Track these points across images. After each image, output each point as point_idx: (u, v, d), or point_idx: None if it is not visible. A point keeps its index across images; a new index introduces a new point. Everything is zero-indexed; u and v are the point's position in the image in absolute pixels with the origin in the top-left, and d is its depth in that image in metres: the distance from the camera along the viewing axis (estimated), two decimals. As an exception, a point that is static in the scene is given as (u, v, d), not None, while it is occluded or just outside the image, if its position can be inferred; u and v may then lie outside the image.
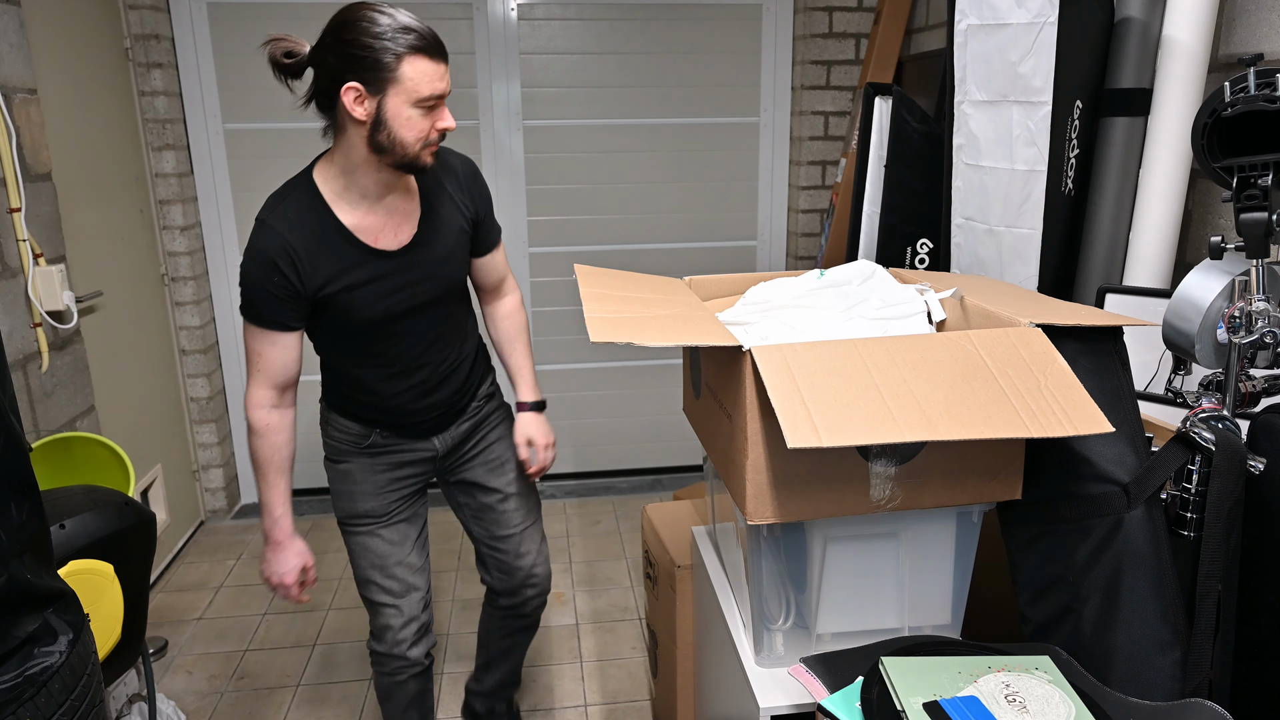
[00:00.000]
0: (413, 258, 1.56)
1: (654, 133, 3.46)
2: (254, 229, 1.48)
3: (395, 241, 1.54)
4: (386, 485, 1.73)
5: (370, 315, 1.54)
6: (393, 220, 1.54)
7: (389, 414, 1.68)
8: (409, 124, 1.40)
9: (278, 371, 1.55)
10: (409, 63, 1.37)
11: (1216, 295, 1.17)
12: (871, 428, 0.99)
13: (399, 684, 1.81)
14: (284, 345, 1.53)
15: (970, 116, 1.83)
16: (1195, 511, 1.12)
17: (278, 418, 1.58)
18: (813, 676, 1.16)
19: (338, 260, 1.49)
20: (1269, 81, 1.13)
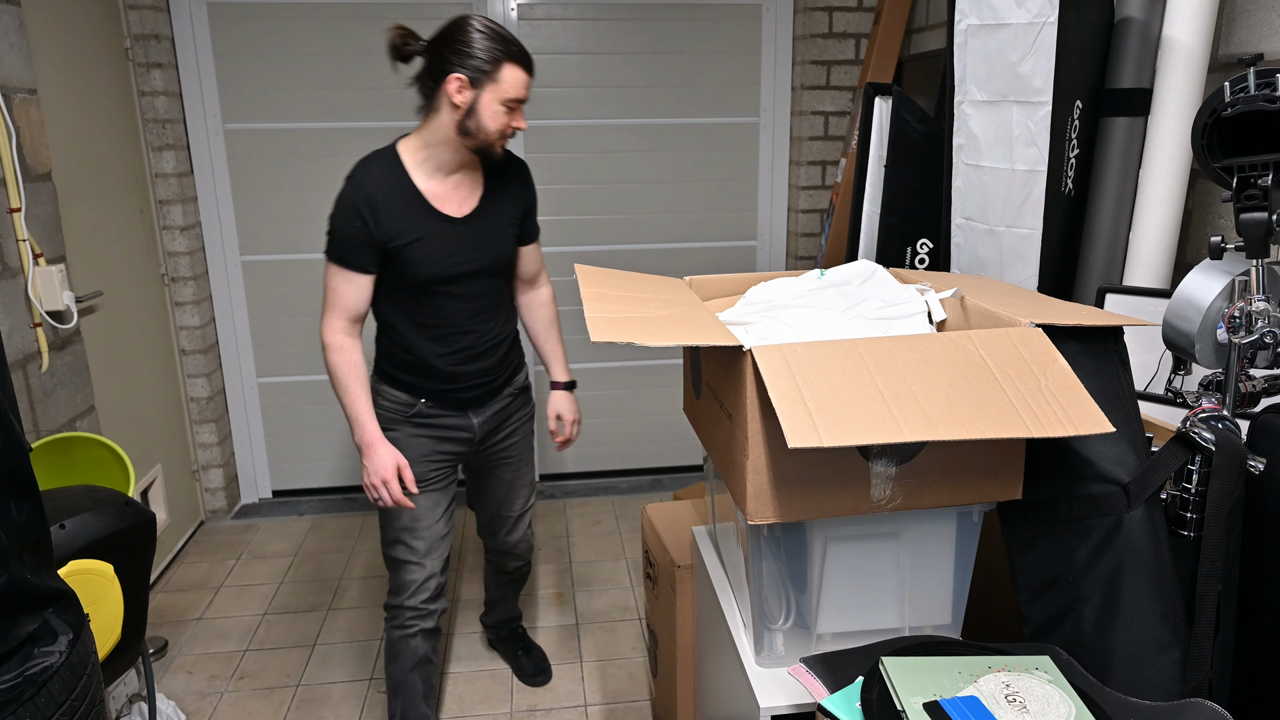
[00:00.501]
0: (471, 227, 1.82)
1: (654, 133, 3.46)
2: (344, 184, 1.77)
3: (459, 210, 1.81)
4: (428, 454, 1.94)
5: (430, 272, 1.79)
6: (459, 192, 1.82)
7: (434, 378, 1.89)
8: (494, 117, 1.70)
9: (351, 306, 1.81)
10: (508, 69, 1.68)
11: (1216, 295, 1.18)
12: (872, 428, 0.99)
13: (409, 638, 1.97)
14: (358, 285, 1.80)
15: (970, 116, 1.83)
16: (1195, 511, 1.12)
17: (350, 343, 1.83)
18: (813, 676, 1.16)
19: (409, 217, 1.76)
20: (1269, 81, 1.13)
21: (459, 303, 1.85)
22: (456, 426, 1.96)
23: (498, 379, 1.98)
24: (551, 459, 3.73)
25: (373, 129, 3.29)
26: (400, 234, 1.75)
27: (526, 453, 2.16)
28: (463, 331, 1.88)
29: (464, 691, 2.41)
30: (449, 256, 1.79)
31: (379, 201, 1.73)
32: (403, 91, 3.27)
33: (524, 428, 2.12)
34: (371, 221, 1.73)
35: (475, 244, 1.82)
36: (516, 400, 2.07)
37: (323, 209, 3.35)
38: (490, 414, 2.00)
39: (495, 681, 2.46)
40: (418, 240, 1.76)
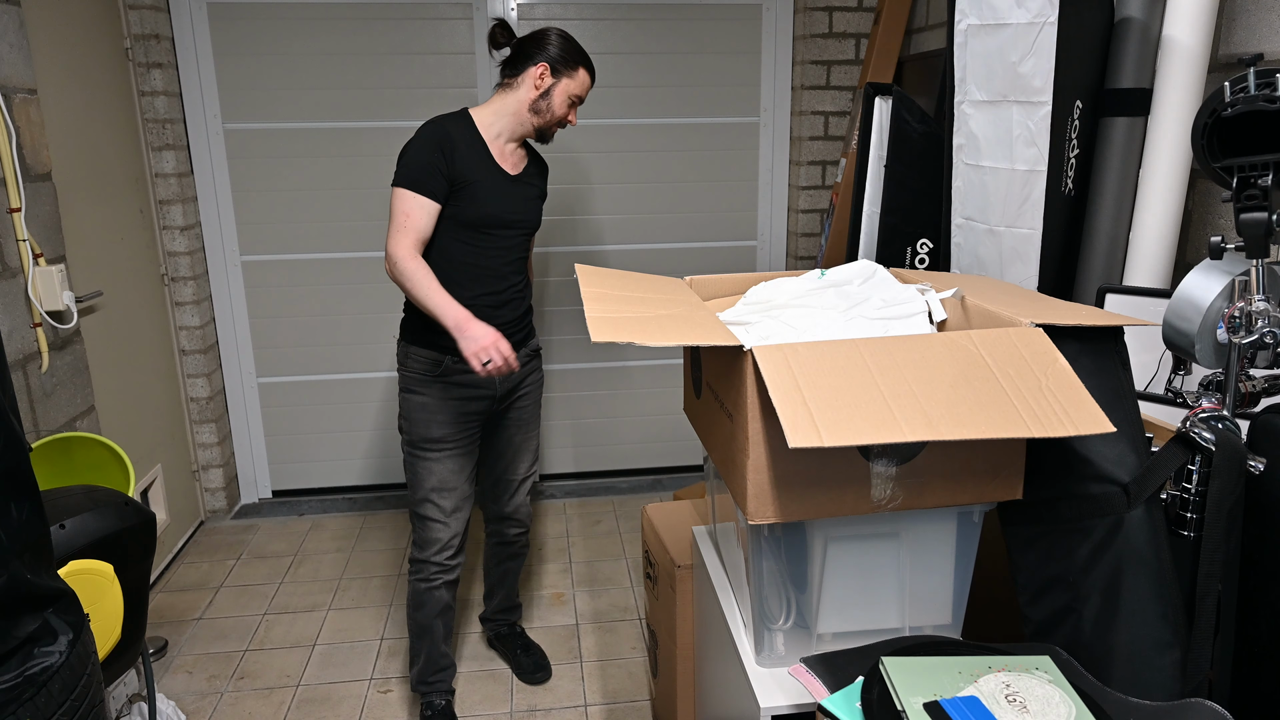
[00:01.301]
0: (520, 185, 2.11)
1: (654, 133, 3.46)
2: (422, 127, 2.02)
3: (513, 169, 2.11)
4: (457, 417, 2.12)
5: (486, 210, 2.03)
6: (512, 157, 2.11)
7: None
8: (561, 107, 2.06)
9: (420, 228, 1.99)
10: (583, 71, 2.06)
11: (1216, 295, 1.18)
12: (873, 427, 0.99)
13: (433, 589, 2.18)
14: (428, 211, 1.99)
15: (970, 116, 1.83)
16: (1195, 511, 1.12)
17: (416, 256, 2.01)
18: (813, 676, 1.16)
19: (476, 161, 2.03)
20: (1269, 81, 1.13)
21: (502, 247, 2.08)
22: (480, 383, 2.13)
23: (516, 334, 2.16)
24: (553, 458, 3.73)
25: (373, 129, 3.29)
26: (469, 172, 2.01)
27: (534, 418, 2.33)
28: (498, 275, 2.09)
29: (464, 691, 2.41)
30: (500, 201, 2.05)
31: (455, 140, 2.00)
32: (403, 91, 3.27)
33: (534, 392, 2.31)
34: (448, 155, 1.98)
35: (518, 199, 2.09)
36: (531, 363, 2.27)
37: (323, 209, 3.35)
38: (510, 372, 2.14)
39: (495, 681, 2.45)
40: (481, 181, 2.03)
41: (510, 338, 2.12)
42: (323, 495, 3.62)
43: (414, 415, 2.11)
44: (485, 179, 2.03)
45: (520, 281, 2.17)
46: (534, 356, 2.29)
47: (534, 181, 2.16)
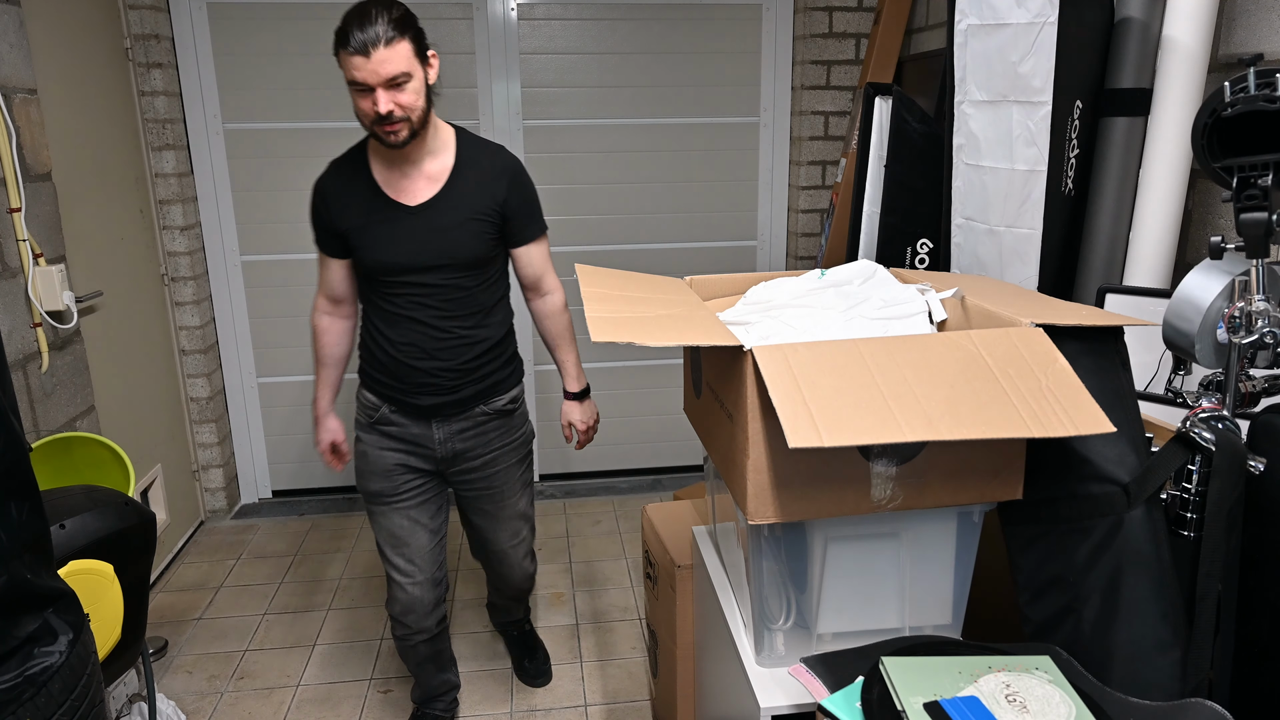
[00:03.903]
0: (426, 217, 1.78)
1: (654, 133, 3.46)
2: None
3: (414, 199, 1.79)
4: (394, 469, 1.92)
5: (382, 258, 1.78)
6: (413, 182, 1.79)
7: (392, 375, 1.87)
8: (356, 104, 1.68)
9: (327, 286, 1.92)
10: (343, 57, 1.63)
11: (1216, 295, 1.18)
12: (873, 427, 0.99)
13: (410, 646, 2.06)
14: (330, 266, 1.89)
15: (970, 116, 1.83)
16: (1195, 511, 1.12)
17: (328, 322, 1.96)
18: (813, 676, 1.16)
19: (356, 203, 1.79)
20: (1269, 81, 1.13)
21: (416, 296, 1.81)
22: (419, 439, 1.91)
23: (461, 388, 1.88)
24: (551, 458, 3.73)
25: (373, 129, 3.29)
26: (346, 218, 1.79)
27: (512, 485, 2.03)
28: (423, 324, 1.83)
29: (464, 691, 2.41)
30: (399, 245, 1.77)
31: (328, 189, 1.81)
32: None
33: (507, 456, 2.00)
34: (324, 208, 1.81)
35: (425, 237, 1.77)
36: (494, 423, 1.96)
37: (323, 209, 3.35)
38: (456, 430, 1.92)
39: (495, 681, 2.45)
40: (362, 226, 1.77)
41: (450, 391, 1.87)
42: (323, 495, 3.62)
43: (357, 464, 1.95)
44: (366, 222, 1.77)
45: (459, 327, 1.84)
46: (498, 416, 1.95)
47: (458, 205, 1.78)
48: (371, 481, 1.93)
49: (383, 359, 1.86)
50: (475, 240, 1.81)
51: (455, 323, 1.84)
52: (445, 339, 1.84)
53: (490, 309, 1.90)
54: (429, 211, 1.77)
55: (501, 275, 1.93)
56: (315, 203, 1.83)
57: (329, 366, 1.98)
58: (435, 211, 1.77)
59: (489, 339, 1.90)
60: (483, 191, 1.81)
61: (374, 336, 1.87)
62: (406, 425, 1.90)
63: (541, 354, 3.62)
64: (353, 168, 1.80)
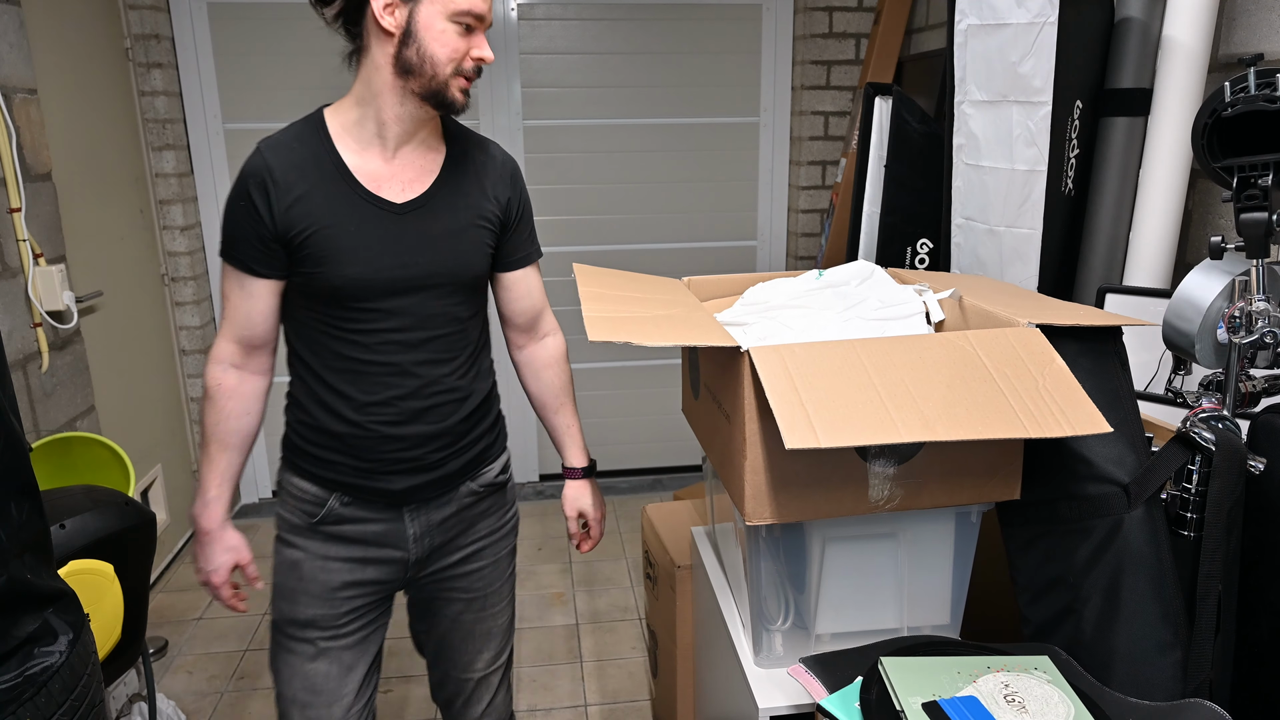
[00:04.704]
0: (417, 218, 1.30)
1: (654, 133, 3.46)
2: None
3: (401, 194, 1.30)
4: (341, 587, 1.38)
5: (352, 275, 1.26)
6: (404, 171, 1.31)
7: (352, 450, 1.34)
8: (442, 38, 1.21)
9: (242, 323, 1.31)
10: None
11: (1216, 295, 1.17)
12: (870, 428, 0.99)
13: None
14: (252, 293, 1.30)
15: (970, 116, 1.83)
16: (1195, 511, 1.12)
17: (234, 380, 1.35)
18: (812, 677, 1.16)
19: (322, 196, 1.25)
20: (1269, 81, 1.13)
21: (398, 331, 1.31)
22: (384, 539, 1.39)
23: (449, 461, 1.39)
24: (552, 458, 3.72)
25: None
26: (307, 216, 1.25)
27: (500, 588, 1.53)
28: (394, 371, 1.32)
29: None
30: (379, 255, 1.27)
31: (277, 172, 1.25)
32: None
33: (496, 547, 1.51)
34: (261, 199, 1.24)
35: (419, 243, 1.30)
36: (484, 503, 1.47)
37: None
38: (436, 521, 1.42)
39: (495, 681, 2.46)
40: (330, 228, 1.25)
41: (435, 466, 1.38)
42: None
43: (279, 580, 1.40)
44: (339, 220, 1.26)
45: (449, 375, 1.36)
46: (488, 494, 1.47)
47: (455, 203, 1.33)
48: (303, 606, 1.37)
49: (336, 429, 1.33)
50: (478, 253, 1.36)
51: (447, 369, 1.36)
52: (434, 393, 1.35)
53: (482, 350, 1.45)
54: (421, 211, 1.31)
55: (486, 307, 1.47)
56: (247, 194, 1.25)
57: (230, 450, 1.37)
58: (429, 212, 1.31)
59: (480, 391, 1.43)
60: (484, 190, 1.37)
61: (321, 398, 1.34)
62: (367, 521, 1.37)
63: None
64: (309, 148, 1.28)
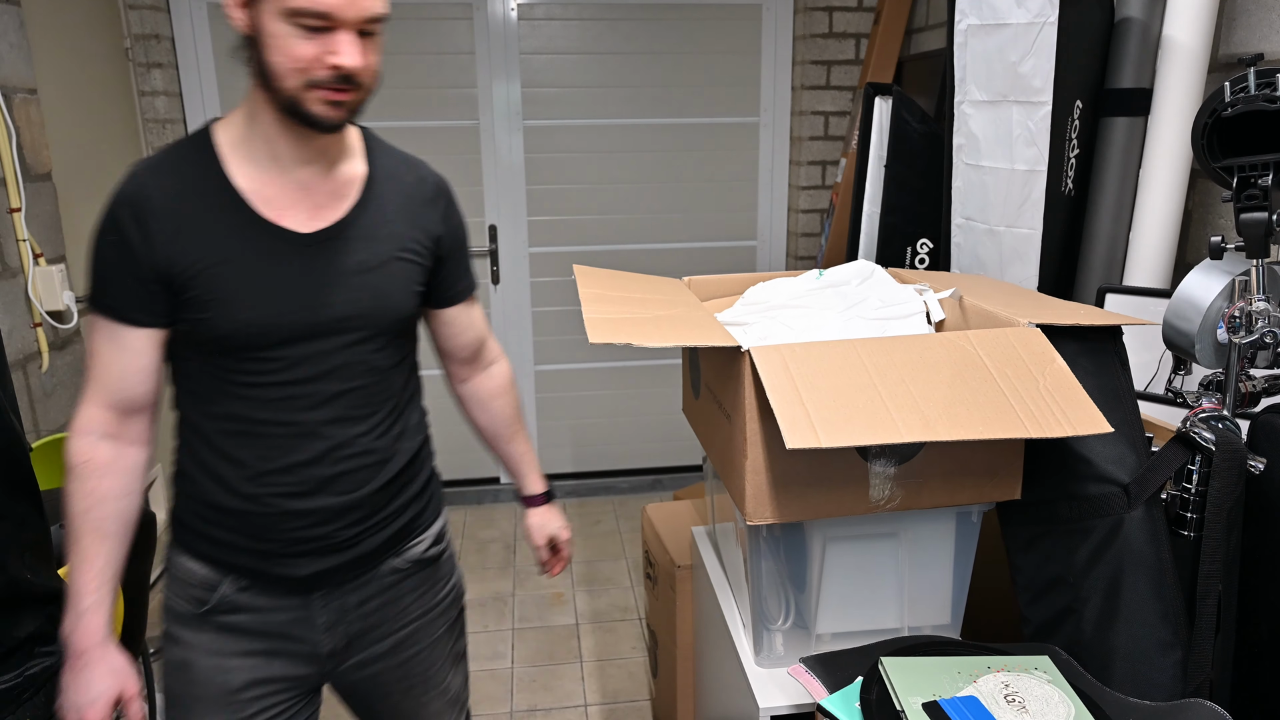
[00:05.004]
0: (327, 251, 1.10)
1: (654, 133, 3.46)
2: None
3: (308, 222, 1.10)
4: (244, 688, 1.16)
5: (248, 319, 1.06)
6: (311, 196, 1.10)
7: (249, 527, 1.12)
8: (281, 44, 0.99)
9: (116, 383, 1.08)
10: None
11: (1216, 295, 1.17)
12: (870, 428, 0.99)
13: None
14: (127, 347, 1.07)
15: (970, 116, 1.83)
16: (1195, 511, 1.12)
17: (108, 454, 1.09)
18: (812, 676, 1.16)
19: (211, 226, 1.05)
20: (1269, 81, 1.13)
21: (295, 381, 1.10)
22: (289, 630, 1.17)
23: (363, 538, 1.18)
24: (552, 458, 3.73)
25: (373, 129, 3.29)
26: (191, 253, 1.04)
27: (440, 666, 1.32)
28: (297, 433, 1.11)
29: (464, 691, 2.41)
30: (282, 296, 1.08)
31: (156, 199, 1.04)
32: (403, 91, 3.27)
33: (432, 626, 1.29)
34: (134, 230, 1.03)
35: (333, 280, 1.10)
36: (410, 580, 1.26)
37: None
38: (353, 605, 1.21)
39: (495, 681, 2.46)
40: (221, 264, 1.05)
41: (345, 549, 1.17)
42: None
43: (169, 683, 1.21)
44: (230, 256, 1.06)
45: (369, 435, 1.16)
46: (417, 569, 1.26)
47: (376, 234, 1.14)
48: (197, 712, 1.17)
49: (228, 503, 1.12)
50: (403, 291, 1.16)
51: (362, 428, 1.15)
52: (346, 457, 1.14)
53: (409, 404, 1.24)
54: (333, 243, 1.11)
55: (415, 351, 1.27)
56: (118, 227, 1.04)
57: (109, 539, 1.09)
58: (342, 243, 1.11)
59: (406, 452, 1.22)
60: (411, 217, 1.18)
61: (210, 466, 1.12)
62: (267, 610, 1.16)
63: (544, 352, 3.62)
64: (195, 169, 1.07)
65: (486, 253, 3.45)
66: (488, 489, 3.65)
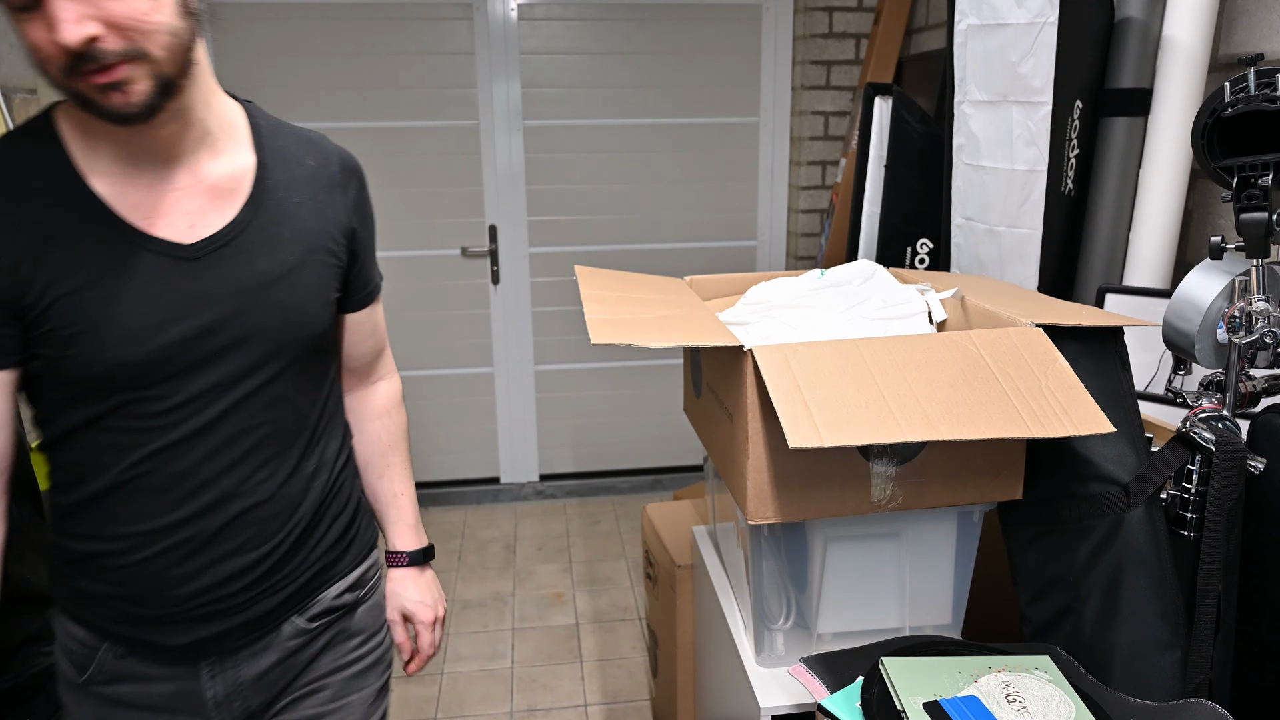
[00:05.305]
0: (218, 263, 0.92)
1: (654, 133, 3.46)
2: None
3: (189, 229, 0.91)
4: None
5: (123, 355, 0.87)
6: (188, 197, 0.91)
7: (126, 591, 0.95)
8: (22, 40, 0.80)
9: None
10: None
11: (1216, 295, 1.18)
12: (872, 427, 0.99)
13: None
14: None
15: (970, 116, 1.83)
16: (1195, 511, 1.12)
17: None
18: (813, 676, 1.16)
19: (66, 240, 0.86)
20: (1269, 81, 1.13)
21: (182, 421, 0.92)
22: (175, 704, 1.00)
23: (262, 598, 1.00)
24: (551, 458, 3.72)
25: (372, 129, 3.29)
26: (45, 277, 0.85)
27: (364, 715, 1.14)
28: (185, 484, 0.93)
29: (464, 691, 2.41)
30: (161, 322, 0.89)
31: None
32: (403, 91, 3.27)
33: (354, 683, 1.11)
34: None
35: (226, 295, 0.92)
36: (323, 638, 1.08)
37: (323, 209, 3.35)
38: (253, 675, 1.02)
39: (495, 681, 2.46)
40: (84, 289, 0.86)
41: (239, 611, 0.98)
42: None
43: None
44: (94, 278, 0.87)
45: (276, 476, 0.98)
46: (331, 621, 1.08)
47: (277, 236, 0.96)
48: None
49: (104, 564, 0.95)
50: (317, 301, 0.99)
51: (266, 472, 0.97)
52: (245, 510, 0.96)
53: (325, 435, 1.05)
54: (224, 252, 0.92)
55: (335, 367, 1.09)
56: None
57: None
58: (237, 251, 0.93)
59: (321, 490, 1.04)
60: (319, 208, 1.00)
61: (80, 525, 0.95)
62: (150, 680, 0.98)
63: (544, 352, 3.62)
64: (41, 168, 0.87)
65: (486, 253, 3.45)
66: (488, 489, 3.65)
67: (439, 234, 3.41)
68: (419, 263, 3.42)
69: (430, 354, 3.52)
